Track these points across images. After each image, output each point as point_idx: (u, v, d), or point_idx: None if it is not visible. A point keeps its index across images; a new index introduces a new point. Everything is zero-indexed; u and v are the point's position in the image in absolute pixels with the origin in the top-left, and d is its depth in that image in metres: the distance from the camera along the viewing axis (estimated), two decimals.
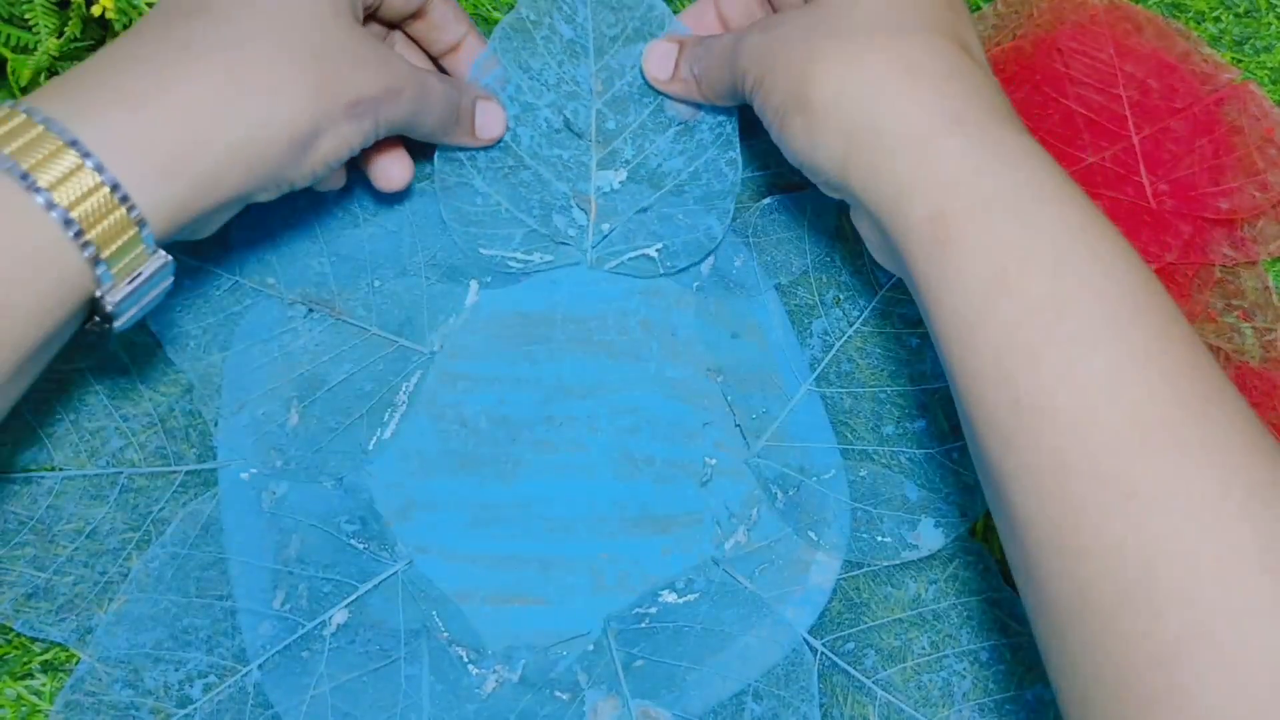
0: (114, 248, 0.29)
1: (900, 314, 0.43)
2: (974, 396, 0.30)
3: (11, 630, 0.40)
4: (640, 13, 0.43)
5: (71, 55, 0.42)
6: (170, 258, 0.32)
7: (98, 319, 0.31)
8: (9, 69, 0.40)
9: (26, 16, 0.40)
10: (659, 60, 0.42)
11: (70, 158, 0.29)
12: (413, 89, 0.37)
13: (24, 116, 0.29)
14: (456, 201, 0.42)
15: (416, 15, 0.40)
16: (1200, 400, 0.28)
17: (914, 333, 0.43)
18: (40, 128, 0.29)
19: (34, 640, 0.40)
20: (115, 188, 0.29)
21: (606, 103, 0.43)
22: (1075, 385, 0.28)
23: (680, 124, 0.43)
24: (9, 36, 0.40)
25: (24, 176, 0.28)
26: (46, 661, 0.40)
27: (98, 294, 0.30)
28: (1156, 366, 0.28)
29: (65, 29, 0.40)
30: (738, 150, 0.43)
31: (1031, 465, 0.29)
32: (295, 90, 0.32)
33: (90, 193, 0.29)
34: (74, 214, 0.28)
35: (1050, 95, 0.46)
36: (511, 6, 0.45)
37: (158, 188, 0.30)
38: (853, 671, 0.40)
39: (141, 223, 0.30)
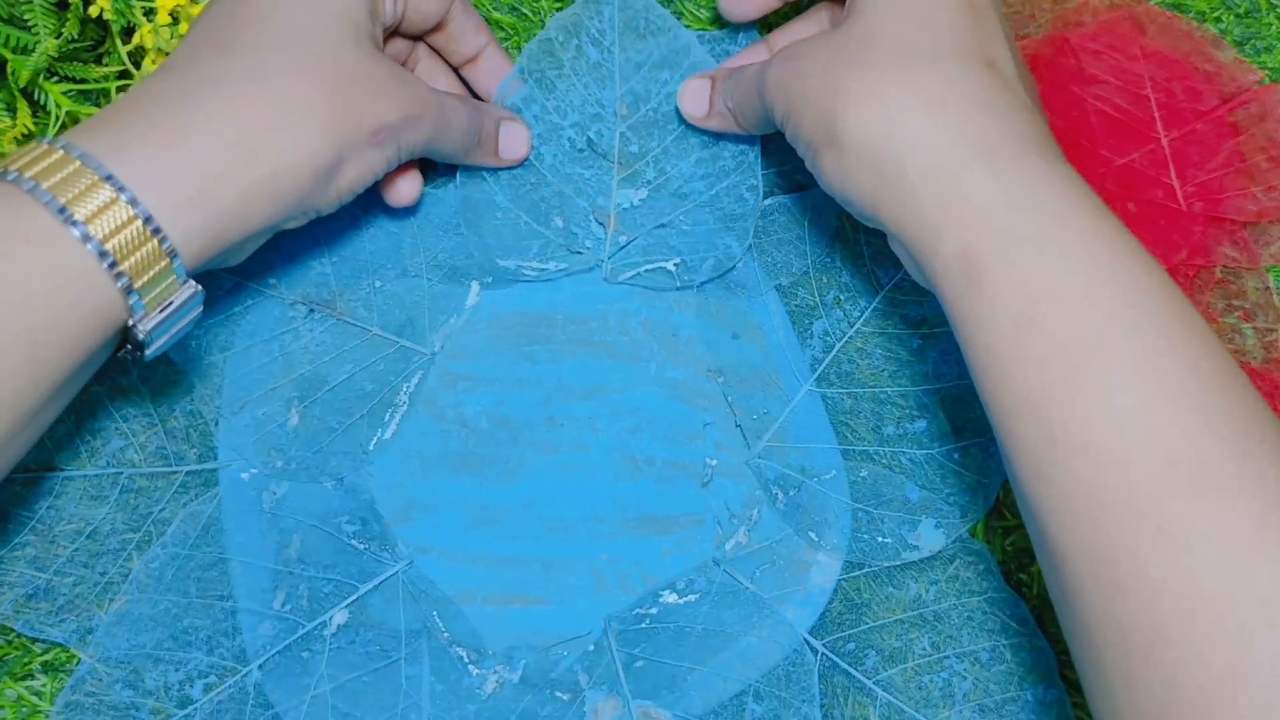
0: (146, 278, 0.30)
1: (901, 314, 0.43)
2: (1010, 432, 0.30)
3: (12, 631, 0.39)
4: (666, 39, 0.43)
5: (70, 56, 0.42)
6: (200, 288, 0.32)
7: (129, 346, 0.32)
8: (8, 70, 0.40)
9: (26, 17, 0.39)
10: (694, 98, 0.42)
11: (105, 192, 0.29)
12: (434, 114, 0.37)
13: (62, 152, 0.30)
14: (478, 217, 0.43)
15: (437, 28, 0.41)
16: (1238, 435, 0.28)
17: (915, 333, 0.43)
18: (77, 163, 0.30)
19: (34, 641, 0.40)
20: (148, 220, 0.30)
21: (631, 127, 0.43)
22: (1109, 423, 0.28)
23: (704, 149, 0.43)
24: (8, 37, 0.40)
25: (61, 210, 0.29)
26: (47, 662, 0.40)
27: (130, 323, 0.31)
28: (1192, 402, 0.28)
29: (63, 30, 0.40)
30: (759, 177, 0.43)
31: (1068, 501, 0.29)
32: (319, 122, 0.33)
33: (124, 225, 0.29)
34: (108, 246, 0.29)
35: (1074, 94, 0.46)
36: (513, 6, 0.45)
37: (189, 220, 0.31)
38: (853, 672, 0.40)
39: (173, 254, 0.31)
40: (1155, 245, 0.45)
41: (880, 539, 0.41)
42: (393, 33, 0.40)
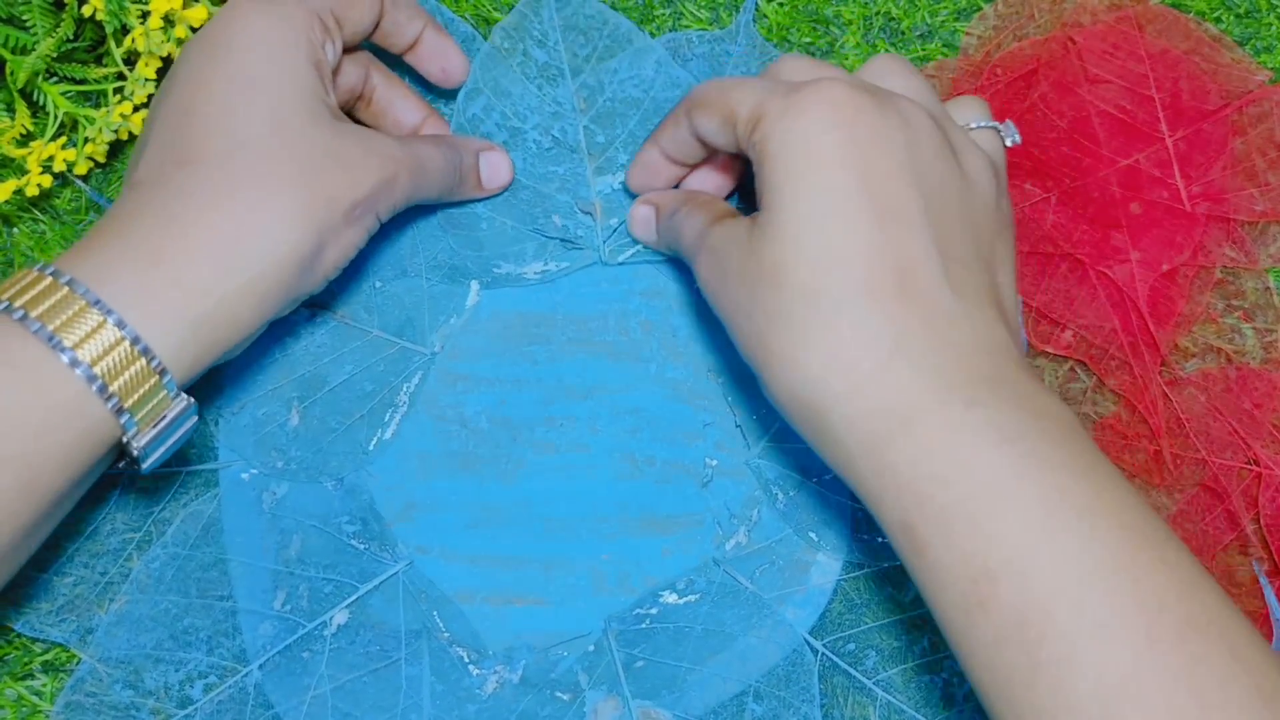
0: (136, 397, 0.31)
1: None
2: (982, 699, 0.30)
3: (12, 631, 0.40)
4: (608, 32, 0.44)
5: (68, 56, 0.42)
6: (192, 401, 0.33)
7: (127, 461, 0.33)
8: (7, 70, 0.40)
9: (24, 17, 0.40)
10: (641, 226, 0.42)
11: (93, 316, 0.30)
12: (407, 169, 0.37)
13: (50, 279, 0.31)
14: (464, 230, 0.43)
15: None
16: (1201, 706, 0.26)
17: None
18: (65, 289, 0.31)
19: (34, 640, 0.40)
20: (136, 340, 0.31)
21: (592, 119, 0.44)
22: (1069, 709, 0.27)
23: None
24: (7, 37, 0.40)
25: (50, 337, 0.30)
26: (47, 662, 0.40)
27: (124, 439, 0.32)
28: (1152, 679, 0.27)
29: (57, 29, 0.40)
30: None
31: None
32: (290, 217, 0.33)
33: (112, 347, 0.30)
34: (97, 369, 0.30)
35: (1078, 95, 0.46)
36: (512, 7, 0.45)
37: (178, 334, 0.32)
38: (853, 672, 0.40)
39: (163, 371, 0.31)
40: (1160, 247, 0.45)
41: (880, 539, 0.41)
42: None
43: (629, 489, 0.42)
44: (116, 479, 0.41)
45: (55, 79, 0.42)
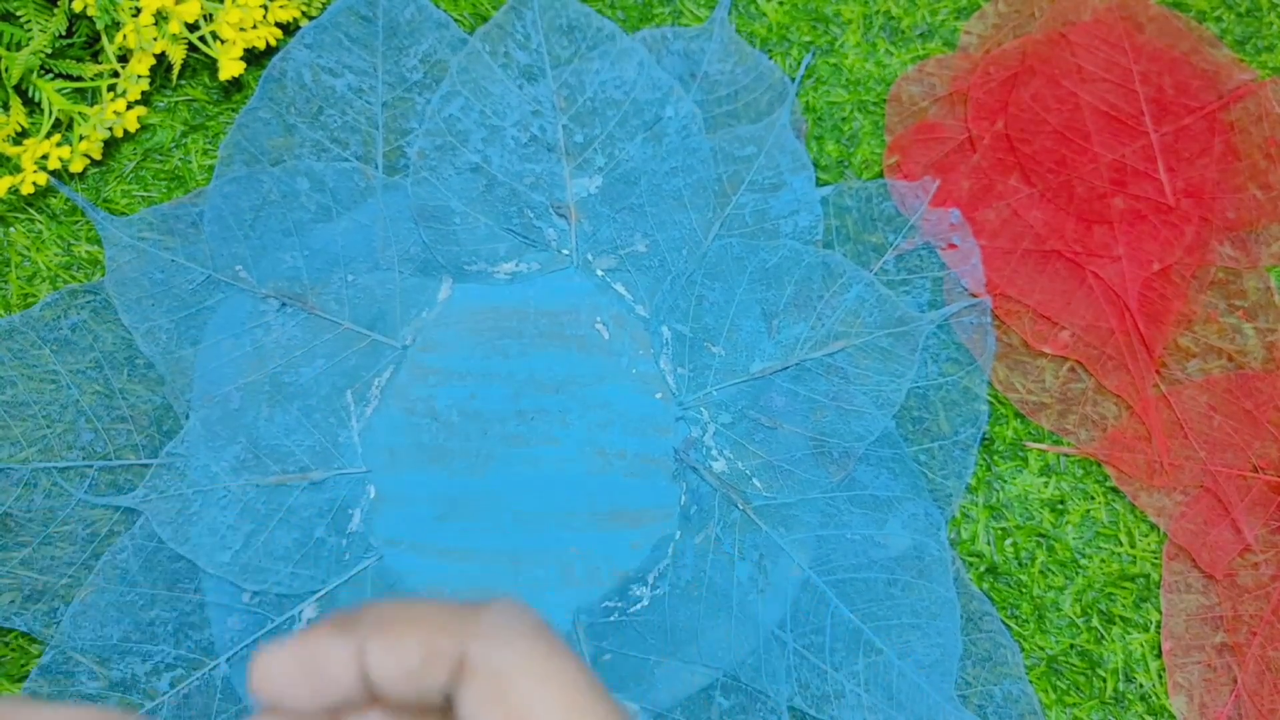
0: None
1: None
2: None
3: (10, 633, 0.43)
4: (590, 33, 0.48)
5: (62, 53, 0.46)
6: None
7: None
8: (1, 66, 0.45)
9: (19, 13, 0.44)
10: None
11: None
12: None
13: None
14: (436, 225, 0.47)
15: None
16: None
17: (885, 333, 0.46)
18: None
19: (32, 642, 0.44)
20: None
21: (571, 117, 0.48)
22: None
23: (647, 130, 0.48)
24: (1, 33, 0.44)
25: None
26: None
27: None
28: None
29: (48, 25, 0.44)
30: (707, 148, 0.47)
31: None
32: None
33: None
34: None
35: (1069, 90, 0.50)
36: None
37: None
38: (821, 665, 0.43)
39: None
40: (1145, 243, 0.48)
41: (848, 536, 0.44)
42: None
43: (598, 482, 0.45)
44: (85, 471, 0.45)
45: (50, 75, 0.46)
